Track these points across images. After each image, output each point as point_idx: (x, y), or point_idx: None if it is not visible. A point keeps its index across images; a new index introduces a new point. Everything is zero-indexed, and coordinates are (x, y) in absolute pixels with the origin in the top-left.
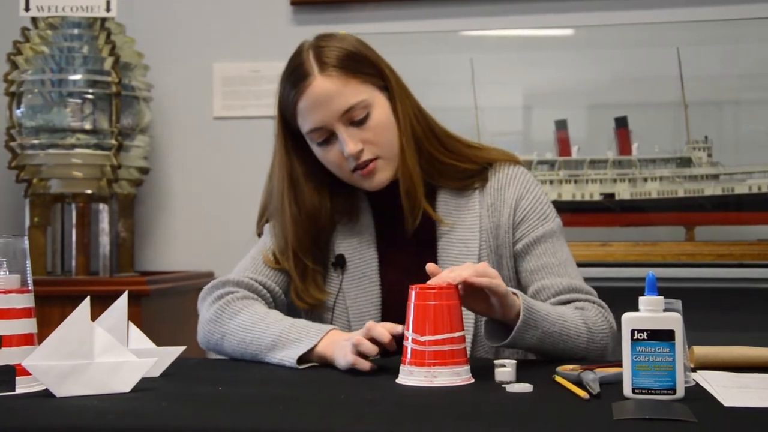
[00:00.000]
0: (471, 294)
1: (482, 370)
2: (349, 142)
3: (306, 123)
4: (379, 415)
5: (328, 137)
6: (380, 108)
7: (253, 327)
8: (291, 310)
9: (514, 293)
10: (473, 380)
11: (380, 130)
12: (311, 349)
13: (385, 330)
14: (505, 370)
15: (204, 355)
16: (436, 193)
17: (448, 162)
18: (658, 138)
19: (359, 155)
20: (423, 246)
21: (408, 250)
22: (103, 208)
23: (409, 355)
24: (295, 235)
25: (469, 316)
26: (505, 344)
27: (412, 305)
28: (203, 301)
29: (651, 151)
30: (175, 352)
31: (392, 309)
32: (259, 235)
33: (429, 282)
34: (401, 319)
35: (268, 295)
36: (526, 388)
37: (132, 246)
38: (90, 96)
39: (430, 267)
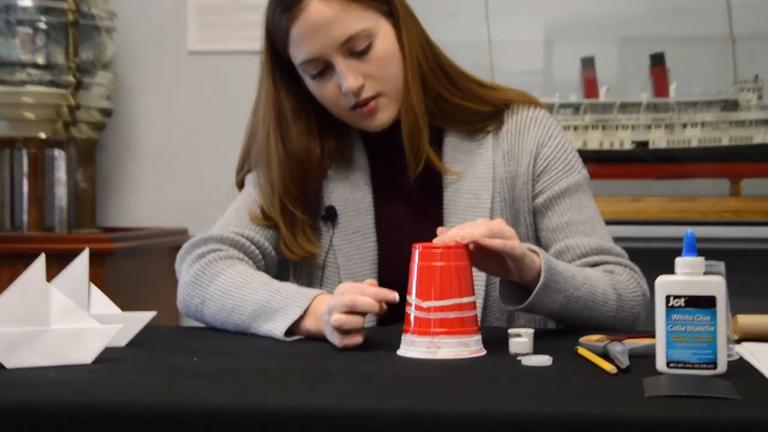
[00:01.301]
0: (483, 254)
1: (495, 340)
2: (349, 76)
3: (299, 53)
4: (374, 389)
5: (324, 69)
6: (384, 37)
7: (235, 292)
8: (282, 267)
9: (534, 251)
10: (484, 352)
11: (384, 63)
12: (297, 321)
13: (371, 301)
14: (520, 341)
15: (178, 322)
16: (443, 137)
17: (458, 102)
18: (700, 78)
19: (360, 91)
20: (426, 197)
21: (409, 201)
22: (60, 155)
23: (411, 324)
24: (282, 180)
25: (480, 278)
26: (523, 308)
27: (415, 266)
28: (182, 261)
29: (691, 93)
30: (143, 318)
31: (390, 269)
32: (240, 185)
33: (435, 240)
34: (400, 280)
35: (257, 251)
36: (544, 360)
37: (93, 198)
38: (42, 25)
39: (439, 229)
